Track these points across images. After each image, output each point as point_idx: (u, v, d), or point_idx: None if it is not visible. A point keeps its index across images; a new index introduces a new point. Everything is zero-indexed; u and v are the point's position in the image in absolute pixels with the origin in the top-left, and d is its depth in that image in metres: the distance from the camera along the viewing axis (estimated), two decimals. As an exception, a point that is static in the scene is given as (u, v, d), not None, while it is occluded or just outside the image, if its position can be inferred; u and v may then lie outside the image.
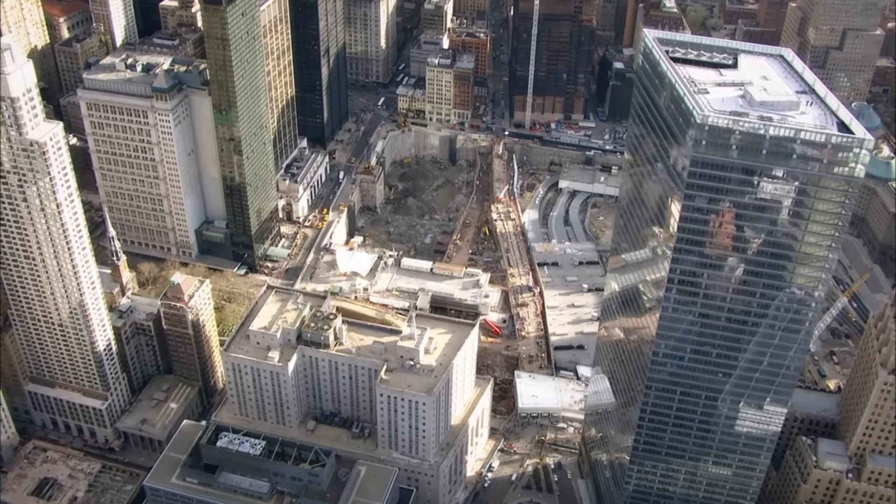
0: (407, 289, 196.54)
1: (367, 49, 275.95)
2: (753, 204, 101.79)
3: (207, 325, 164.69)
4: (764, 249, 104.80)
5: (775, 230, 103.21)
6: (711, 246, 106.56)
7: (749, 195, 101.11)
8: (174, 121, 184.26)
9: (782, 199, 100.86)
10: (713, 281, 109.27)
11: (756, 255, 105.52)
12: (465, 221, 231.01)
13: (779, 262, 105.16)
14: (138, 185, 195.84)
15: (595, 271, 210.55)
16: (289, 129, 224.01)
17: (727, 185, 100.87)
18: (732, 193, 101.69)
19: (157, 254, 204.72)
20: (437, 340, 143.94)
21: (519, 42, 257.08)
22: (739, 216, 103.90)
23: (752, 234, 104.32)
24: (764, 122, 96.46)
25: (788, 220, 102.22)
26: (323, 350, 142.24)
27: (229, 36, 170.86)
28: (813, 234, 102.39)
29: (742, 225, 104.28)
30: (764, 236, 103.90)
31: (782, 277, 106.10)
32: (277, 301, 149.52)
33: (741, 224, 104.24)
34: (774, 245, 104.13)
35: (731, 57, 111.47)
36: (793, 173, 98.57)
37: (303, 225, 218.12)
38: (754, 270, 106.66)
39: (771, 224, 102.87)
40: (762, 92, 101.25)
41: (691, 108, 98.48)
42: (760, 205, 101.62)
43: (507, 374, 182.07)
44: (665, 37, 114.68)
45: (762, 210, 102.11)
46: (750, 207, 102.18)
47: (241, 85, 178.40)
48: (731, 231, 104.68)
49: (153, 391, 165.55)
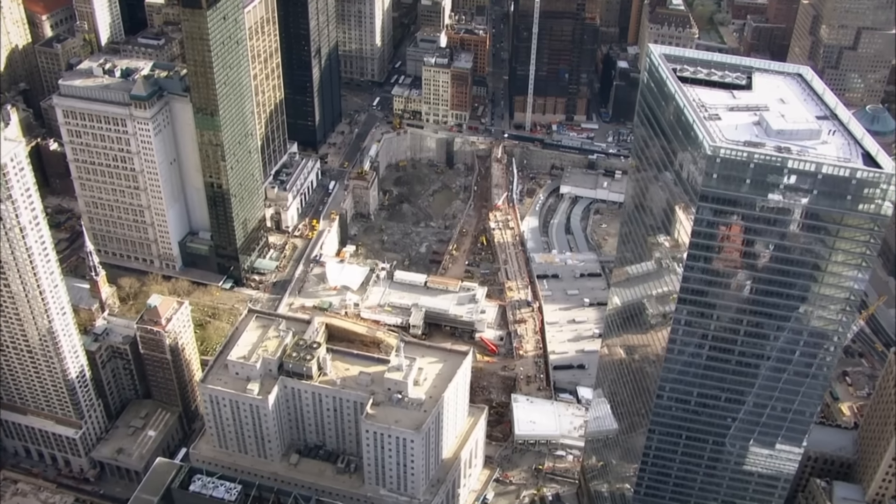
0: (399, 304, 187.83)
1: (362, 47, 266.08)
2: (768, 242, 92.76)
3: (187, 349, 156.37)
4: (779, 290, 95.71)
5: (792, 270, 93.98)
6: (721, 287, 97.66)
7: (763, 233, 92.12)
8: (154, 129, 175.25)
9: (800, 238, 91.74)
10: (723, 323, 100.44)
11: (770, 297, 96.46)
12: (461, 230, 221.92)
13: (795, 304, 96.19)
14: (118, 196, 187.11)
15: (597, 284, 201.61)
16: (278, 133, 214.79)
17: (739, 220, 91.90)
18: (745, 230, 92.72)
19: (139, 266, 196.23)
20: (427, 370, 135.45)
21: (519, 41, 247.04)
22: (751, 254, 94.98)
23: (766, 276, 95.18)
24: (782, 154, 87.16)
25: (808, 261, 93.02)
26: (306, 381, 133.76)
27: (210, 41, 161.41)
28: (833, 276, 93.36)
29: (754, 264, 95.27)
30: (779, 277, 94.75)
31: (799, 320, 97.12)
32: (258, 327, 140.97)
33: (753, 263, 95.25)
34: (790, 286, 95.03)
35: (745, 76, 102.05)
36: (812, 211, 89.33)
37: (292, 235, 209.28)
38: (768, 312, 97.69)
39: (787, 264, 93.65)
40: (779, 119, 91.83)
41: (701, 137, 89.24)
42: (777, 243, 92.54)
43: (503, 396, 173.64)
44: (672, 52, 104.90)
45: (777, 249, 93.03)
46: (763, 246, 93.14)
47: (223, 92, 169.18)
48: (744, 274, 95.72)
49: (131, 417, 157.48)
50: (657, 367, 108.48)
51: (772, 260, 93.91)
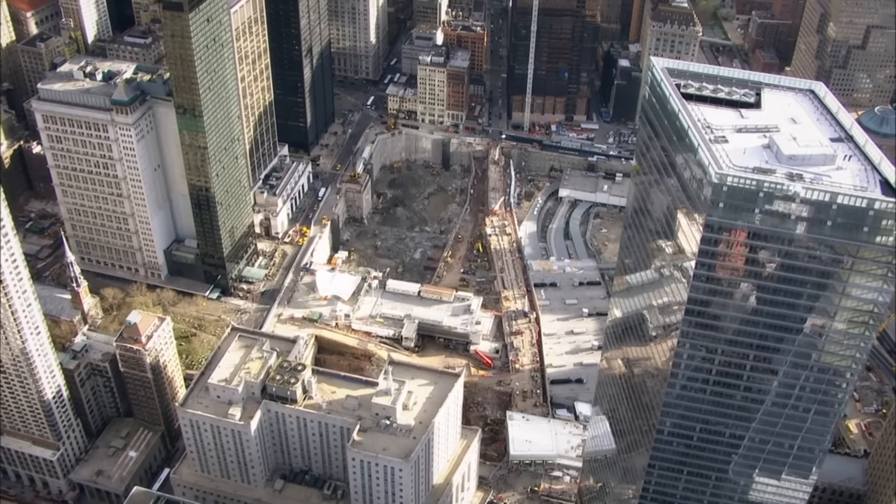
0: (392, 315, 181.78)
1: (356, 44, 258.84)
2: (777, 275, 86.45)
3: (170, 366, 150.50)
4: (788, 325, 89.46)
5: (802, 305, 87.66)
6: (726, 322, 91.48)
7: (771, 265, 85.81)
8: (137, 135, 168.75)
9: (812, 271, 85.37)
10: (729, 357, 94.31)
11: (778, 331, 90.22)
12: (457, 236, 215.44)
13: (805, 339, 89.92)
14: (101, 203, 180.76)
15: (596, 293, 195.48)
16: (267, 136, 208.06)
17: (746, 252, 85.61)
18: (752, 262, 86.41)
19: (124, 275, 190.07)
20: (417, 393, 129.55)
21: (517, 39, 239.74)
22: (759, 287, 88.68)
23: (775, 310, 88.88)
24: (794, 182, 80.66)
25: (819, 295, 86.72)
26: (290, 406, 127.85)
27: (193, 45, 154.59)
28: (847, 311, 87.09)
29: (763, 297, 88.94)
30: (789, 311, 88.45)
31: (810, 355, 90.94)
32: (241, 347, 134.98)
33: (762, 296, 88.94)
34: (800, 321, 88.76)
35: (754, 93, 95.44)
36: (826, 243, 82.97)
37: (282, 241, 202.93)
38: (776, 347, 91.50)
39: (797, 298, 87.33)
40: (791, 142, 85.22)
41: (706, 162, 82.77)
42: (785, 276, 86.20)
43: (498, 412, 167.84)
44: (675, 67, 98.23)
45: (787, 282, 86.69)
46: (772, 279, 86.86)
47: (208, 97, 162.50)
48: (751, 307, 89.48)
49: (111, 437, 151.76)
50: (658, 383, 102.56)
51: (781, 294, 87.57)
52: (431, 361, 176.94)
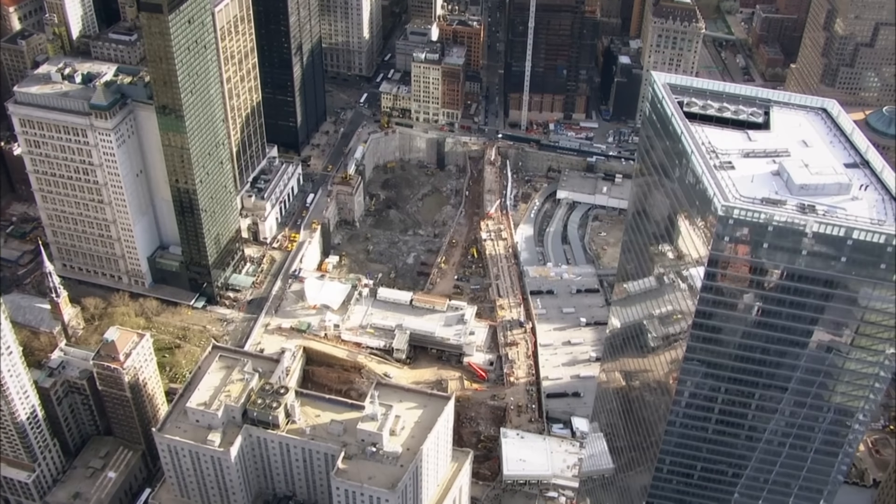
0: (383, 325, 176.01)
1: (349, 40, 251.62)
2: (785, 312, 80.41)
3: (150, 384, 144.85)
4: (796, 364, 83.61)
5: (813, 342, 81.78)
6: (730, 359, 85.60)
7: (781, 303, 79.76)
8: (117, 140, 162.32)
9: (824, 309, 79.38)
10: (732, 396, 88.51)
11: (785, 369, 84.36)
12: (451, 240, 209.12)
13: (815, 379, 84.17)
14: (82, 209, 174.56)
15: (595, 301, 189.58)
16: (255, 138, 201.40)
17: (753, 288, 79.63)
18: (760, 298, 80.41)
19: (107, 282, 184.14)
20: (405, 418, 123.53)
21: (514, 35, 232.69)
22: (766, 325, 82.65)
23: (783, 348, 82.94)
24: (806, 216, 74.48)
25: (830, 333, 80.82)
26: (272, 431, 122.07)
27: (174, 47, 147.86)
28: (861, 350, 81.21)
29: (770, 336, 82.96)
30: (798, 350, 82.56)
31: (820, 396, 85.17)
32: (222, 368, 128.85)
33: (768, 335, 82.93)
34: (810, 359, 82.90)
35: (762, 111, 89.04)
36: (840, 280, 76.90)
37: (270, 247, 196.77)
38: (783, 386, 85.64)
39: (807, 336, 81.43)
40: (802, 170, 78.88)
41: (711, 192, 76.59)
42: (794, 314, 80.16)
43: (492, 428, 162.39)
44: (678, 82, 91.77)
45: (795, 320, 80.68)
46: (780, 316, 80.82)
47: (190, 101, 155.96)
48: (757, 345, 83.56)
49: (90, 457, 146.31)
50: (658, 398, 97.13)
51: (790, 332, 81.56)
52: (423, 374, 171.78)
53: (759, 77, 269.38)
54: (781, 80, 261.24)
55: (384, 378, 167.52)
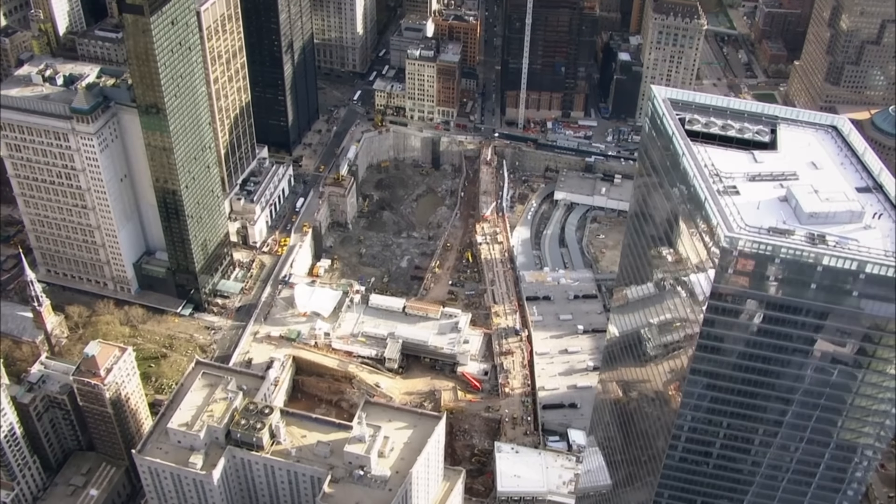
0: (374, 334, 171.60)
1: (342, 35, 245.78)
2: (791, 347, 75.77)
3: (133, 399, 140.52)
4: (803, 399, 79.05)
5: (821, 379, 77.17)
6: (733, 394, 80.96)
7: (787, 338, 75.09)
8: (100, 144, 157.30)
9: (833, 343, 74.78)
10: (734, 431, 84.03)
11: (792, 405, 79.79)
12: (445, 244, 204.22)
13: (821, 415, 79.57)
14: (65, 215, 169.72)
15: (592, 307, 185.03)
16: (244, 139, 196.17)
17: (758, 322, 74.92)
18: (765, 333, 75.65)
19: (92, 289, 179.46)
20: (394, 438, 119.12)
21: (511, 32, 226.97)
22: (771, 359, 77.95)
23: (789, 383, 78.34)
24: (816, 248, 69.65)
25: (839, 368, 76.18)
26: (256, 453, 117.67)
27: (157, 50, 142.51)
28: (872, 386, 76.57)
29: (775, 370, 78.34)
30: (804, 385, 77.97)
31: (827, 433, 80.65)
32: (205, 386, 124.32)
33: (773, 369, 78.30)
34: (816, 395, 78.31)
35: (768, 129, 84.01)
36: (851, 314, 72.19)
37: (260, 251, 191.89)
38: (789, 422, 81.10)
39: (817, 372, 76.80)
40: (812, 197, 73.85)
41: (714, 221, 71.70)
42: (800, 348, 75.54)
43: (486, 441, 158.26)
44: (679, 98, 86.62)
45: (802, 354, 76.07)
46: (786, 351, 76.18)
47: (174, 105, 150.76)
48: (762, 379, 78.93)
49: (71, 474, 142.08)
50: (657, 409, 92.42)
51: (797, 367, 76.96)
52: (416, 384, 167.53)
53: (762, 73, 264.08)
54: (784, 76, 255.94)
55: (375, 389, 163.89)
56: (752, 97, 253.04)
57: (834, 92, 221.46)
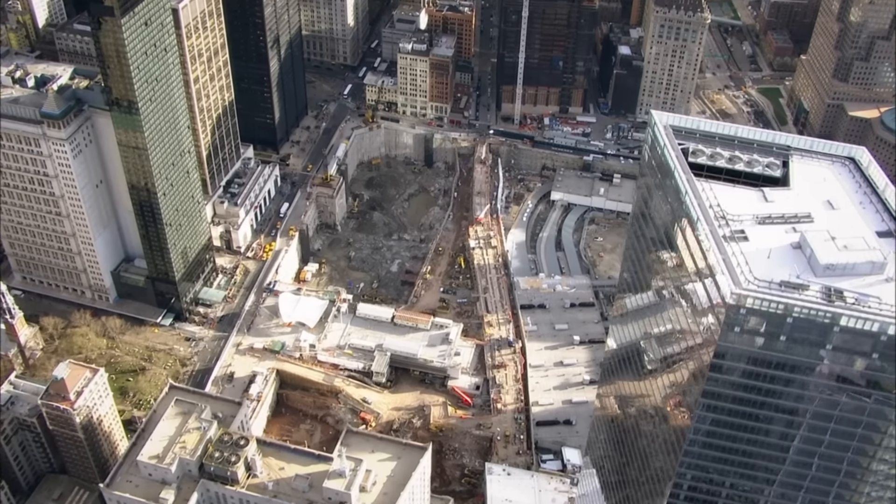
0: (362, 346, 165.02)
1: (332, 27, 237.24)
2: (802, 409, 69.17)
3: (106, 421, 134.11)
4: (816, 462, 72.51)
5: (835, 443, 70.57)
6: (738, 455, 74.42)
7: (798, 399, 68.44)
8: (73, 150, 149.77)
9: (848, 407, 68.10)
10: (739, 492, 77.54)
11: (805, 468, 73.27)
12: (437, 248, 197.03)
13: (835, 479, 73.05)
14: (39, 222, 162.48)
15: (589, 316, 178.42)
16: (228, 139, 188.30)
17: (765, 382, 68.19)
18: (772, 394, 69.01)
19: (69, 297, 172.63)
20: (376, 471, 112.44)
21: (507, 25, 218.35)
22: (775, 419, 71.48)
23: (800, 446, 71.79)
24: (833, 306, 62.80)
25: (852, 439, 69.59)
26: (231, 487, 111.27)
27: (129, 54, 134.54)
28: (890, 451, 69.88)
29: (783, 432, 71.77)
30: (817, 448, 71.41)
31: (841, 496, 74.12)
32: (178, 414, 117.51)
33: (778, 429, 71.79)
34: (831, 459, 71.80)
35: (780, 162, 76.88)
36: (870, 378, 65.46)
37: (244, 256, 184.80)
38: (795, 483, 74.67)
39: (833, 436, 70.17)
40: (828, 245, 67.00)
41: (720, 273, 64.70)
42: (819, 411, 68.89)
43: (477, 461, 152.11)
44: (681, 125, 79.41)
45: (816, 417, 69.45)
46: (798, 413, 69.56)
47: (149, 111, 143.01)
48: (767, 446, 72.39)
49: (42, 498, 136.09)
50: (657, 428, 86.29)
51: (808, 429, 70.35)
52: (405, 399, 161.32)
53: (767, 66, 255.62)
54: (790, 69, 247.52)
55: (362, 404, 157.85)
56: (756, 91, 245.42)
57: (842, 88, 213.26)
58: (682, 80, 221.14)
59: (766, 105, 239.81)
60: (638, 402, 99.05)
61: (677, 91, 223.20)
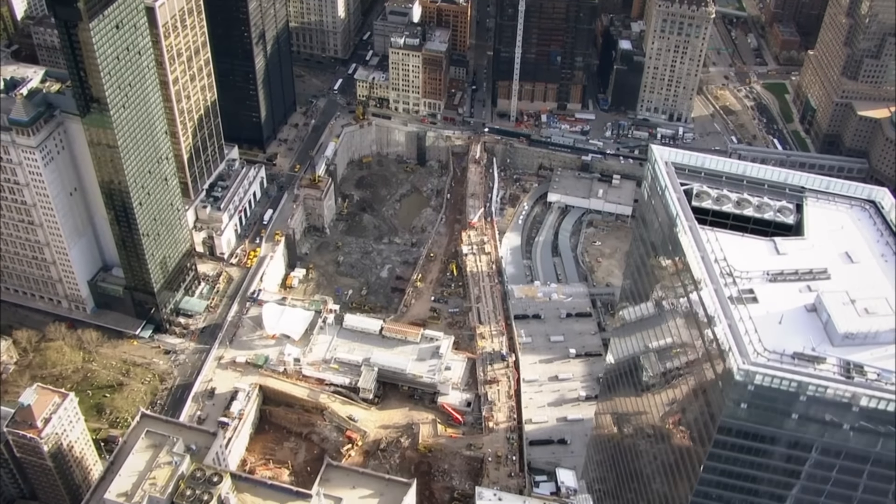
0: (348, 360, 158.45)
1: (322, 19, 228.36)
2: (814, 487, 62.70)
3: (76, 447, 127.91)
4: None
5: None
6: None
7: (809, 478, 61.96)
8: (44, 158, 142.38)
9: (862, 487, 61.68)
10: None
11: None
12: (429, 253, 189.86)
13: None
14: (12, 230, 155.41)
15: (586, 327, 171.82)
16: (211, 140, 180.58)
17: (770, 459, 61.69)
18: (783, 472, 62.50)
19: (45, 307, 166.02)
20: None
21: (503, 19, 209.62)
22: (783, 483, 65.04)
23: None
24: (851, 380, 56.08)
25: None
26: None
27: (99, 59, 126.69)
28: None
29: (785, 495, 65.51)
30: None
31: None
32: (149, 447, 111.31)
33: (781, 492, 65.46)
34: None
35: (792, 206, 69.85)
36: (887, 459, 58.91)
37: (228, 263, 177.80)
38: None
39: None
40: (847, 309, 60.27)
41: (726, 347, 57.93)
42: (835, 492, 62.44)
43: (467, 483, 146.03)
44: (684, 162, 72.22)
45: (829, 497, 62.99)
46: (810, 492, 63.11)
47: (122, 117, 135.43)
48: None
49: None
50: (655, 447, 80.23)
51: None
52: (392, 416, 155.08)
53: (773, 60, 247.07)
54: (797, 63, 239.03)
55: (348, 422, 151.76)
56: (761, 87, 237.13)
57: (851, 86, 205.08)
58: (684, 76, 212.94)
59: (772, 101, 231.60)
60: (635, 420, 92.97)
61: (679, 87, 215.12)
